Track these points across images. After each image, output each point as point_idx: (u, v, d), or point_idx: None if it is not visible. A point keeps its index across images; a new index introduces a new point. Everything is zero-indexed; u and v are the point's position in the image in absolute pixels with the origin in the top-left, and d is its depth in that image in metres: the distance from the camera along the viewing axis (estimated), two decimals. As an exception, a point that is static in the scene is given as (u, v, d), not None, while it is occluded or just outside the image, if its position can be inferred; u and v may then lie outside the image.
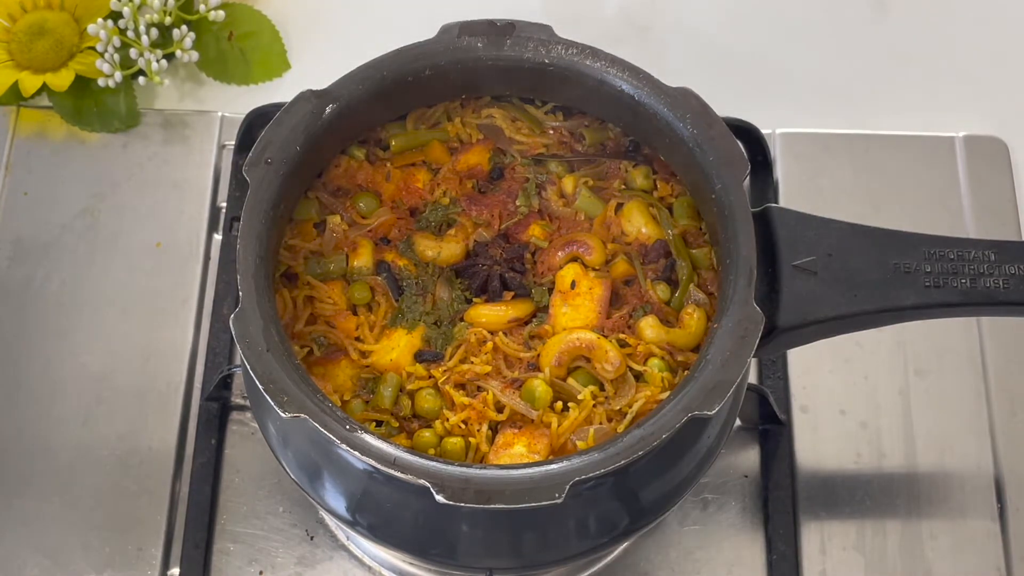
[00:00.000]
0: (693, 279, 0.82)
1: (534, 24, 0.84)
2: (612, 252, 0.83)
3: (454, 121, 0.87)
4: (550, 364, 0.79)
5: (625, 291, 0.82)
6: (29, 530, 0.92)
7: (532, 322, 0.82)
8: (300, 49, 1.12)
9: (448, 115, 0.88)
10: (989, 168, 1.06)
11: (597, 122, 0.87)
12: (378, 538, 0.78)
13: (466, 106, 0.88)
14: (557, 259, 0.83)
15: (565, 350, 0.79)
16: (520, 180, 0.86)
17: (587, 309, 0.81)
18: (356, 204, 0.85)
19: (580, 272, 0.82)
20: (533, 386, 0.79)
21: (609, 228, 0.85)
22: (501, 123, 0.87)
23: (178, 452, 0.95)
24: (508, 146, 0.87)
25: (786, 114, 1.09)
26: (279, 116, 0.81)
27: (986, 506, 0.94)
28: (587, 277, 0.82)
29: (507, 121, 0.87)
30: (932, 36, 1.14)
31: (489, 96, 0.87)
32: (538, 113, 0.88)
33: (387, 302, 0.83)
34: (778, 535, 0.92)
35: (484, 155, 0.87)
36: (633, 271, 0.83)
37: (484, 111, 0.88)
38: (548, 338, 0.81)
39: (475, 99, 0.87)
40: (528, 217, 0.85)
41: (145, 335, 0.99)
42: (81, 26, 1.07)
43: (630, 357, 0.80)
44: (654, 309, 0.81)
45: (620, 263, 0.83)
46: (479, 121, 0.87)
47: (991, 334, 1.00)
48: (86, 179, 1.05)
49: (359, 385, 0.81)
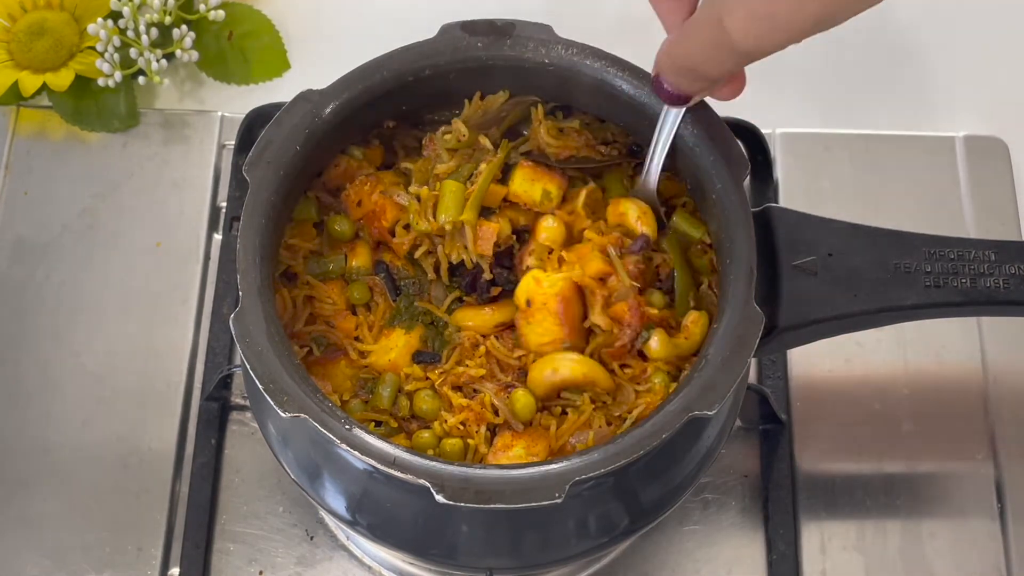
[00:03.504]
0: (692, 288, 0.81)
1: (534, 24, 0.84)
2: (597, 245, 0.81)
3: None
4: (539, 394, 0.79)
5: (622, 311, 0.80)
6: (29, 530, 0.92)
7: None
8: (300, 49, 1.12)
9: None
10: (989, 168, 1.06)
11: (597, 122, 0.87)
12: (378, 538, 0.78)
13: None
14: (523, 269, 0.82)
15: (552, 390, 0.79)
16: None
17: (549, 324, 0.79)
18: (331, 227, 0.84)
19: (534, 287, 0.80)
20: (516, 398, 0.79)
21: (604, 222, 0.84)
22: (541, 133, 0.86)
23: (178, 452, 0.95)
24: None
25: (786, 114, 1.09)
26: (279, 116, 0.81)
27: (986, 506, 0.94)
28: (541, 289, 0.80)
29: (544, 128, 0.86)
30: (932, 36, 1.14)
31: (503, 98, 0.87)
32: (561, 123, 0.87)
33: (385, 302, 0.83)
34: (778, 535, 0.92)
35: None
36: (609, 269, 0.80)
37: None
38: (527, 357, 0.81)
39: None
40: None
41: (145, 335, 0.99)
42: (81, 26, 1.07)
43: (633, 379, 0.79)
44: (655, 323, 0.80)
45: (594, 260, 0.80)
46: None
47: (991, 334, 1.00)
48: (86, 179, 1.05)
49: (358, 385, 0.81)
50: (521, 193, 0.83)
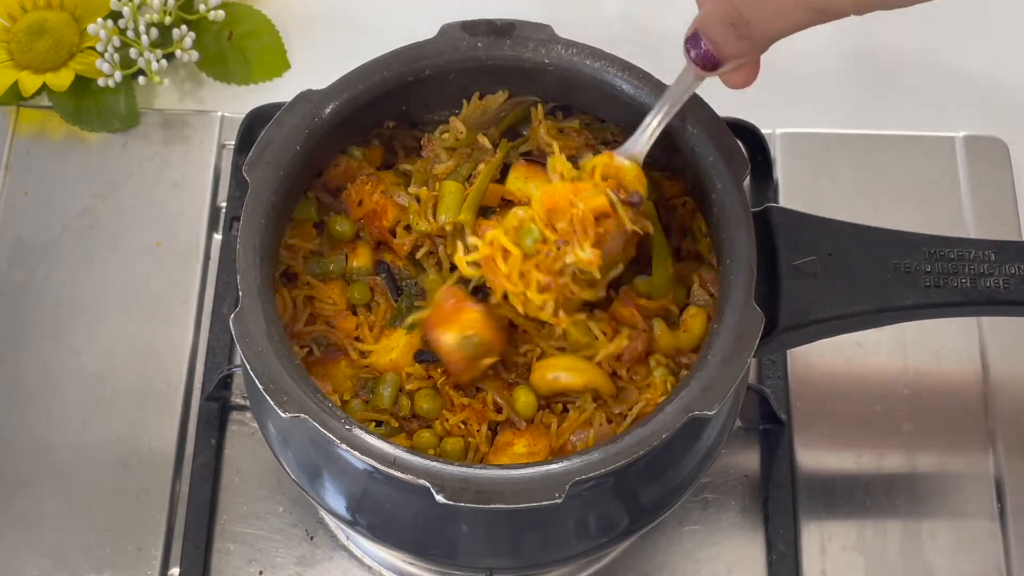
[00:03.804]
0: (670, 256, 0.80)
1: (534, 24, 0.84)
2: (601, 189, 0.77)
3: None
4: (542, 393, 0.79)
5: (626, 314, 0.80)
6: (29, 530, 0.92)
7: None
8: (300, 49, 1.12)
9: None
10: (989, 168, 1.06)
11: (597, 122, 0.87)
12: (378, 538, 0.78)
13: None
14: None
15: (552, 394, 0.79)
16: None
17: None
18: (332, 227, 0.84)
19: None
20: (517, 396, 0.79)
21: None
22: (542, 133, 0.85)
23: (178, 452, 0.95)
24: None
25: (786, 114, 1.08)
26: (279, 116, 0.81)
27: (986, 506, 0.94)
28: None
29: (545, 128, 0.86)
30: (932, 36, 1.14)
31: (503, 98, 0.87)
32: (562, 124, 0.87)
33: (386, 302, 0.83)
34: (778, 535, 0.92)
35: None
36: (608, 209, 0.76)
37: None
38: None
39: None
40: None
41: (145, 335, 0.99)
42: (81, 26, 1.07)
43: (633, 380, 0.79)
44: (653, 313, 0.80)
45: (599, 197, 0.76)
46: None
47: (991, 334, 1.00)
48: (86, 179, 1.05)
49: (359, 385, 0.81)
50: (516, 191, 0.83)
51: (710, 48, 0.71)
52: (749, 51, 0.71)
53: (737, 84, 0.74)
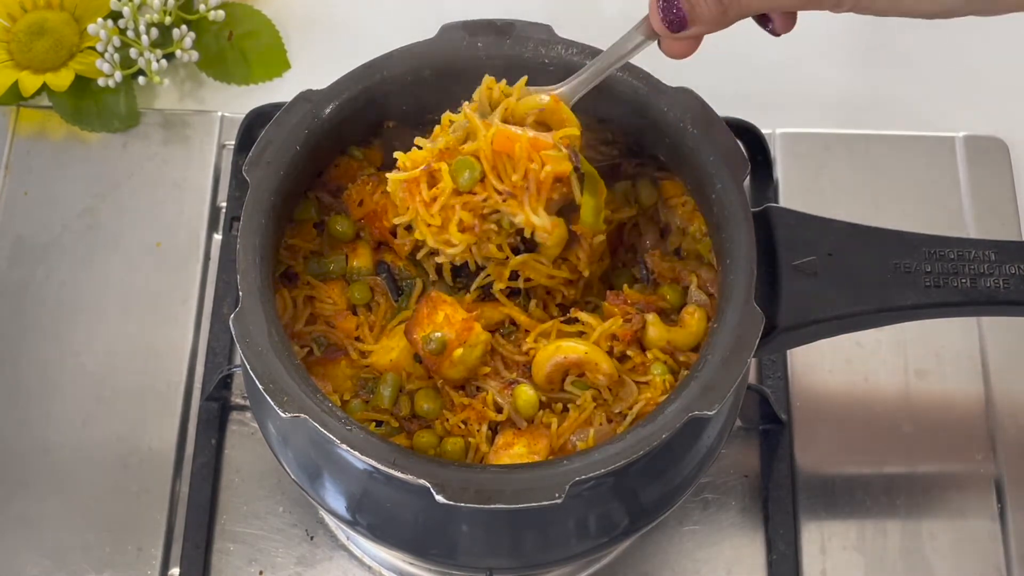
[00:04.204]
0: (599, 183, 0.78)
1: (534, 24, 0.84)
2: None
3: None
4: (541, 381, 0.79)
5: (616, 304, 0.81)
6: (29, 530, 0.92)
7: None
8: (300, 49, 1.12)
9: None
10: (989, 168, 1.06)
11: (597, 122, 0.87)
12: (378, 538, 0.78)
13: None
14: None
15: (554, 369, 0.79)
16: None
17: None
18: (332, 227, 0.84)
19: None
20: (518, 394, 0.79)
21: None
22: None
23: (178, 452, 0.95)
24: None
25: (786, 114, 1.08)
26: (279, 116, 0.81)
27: (986, 506, 0.94)
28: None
29: None
30: (932, 36, 1.14)
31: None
32: None
33: (387, 302, 0.83)
34: (778, 535, 0.92)
35: None
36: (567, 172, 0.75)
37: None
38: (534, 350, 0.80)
39: None
40: None
41: (145, 335, 0.99)
42: (81, 26, 1.07)
43: (632, 371, 0.79)
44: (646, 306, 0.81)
45: (563, 162, 0.75)
46: None
47: (991, 334, 1.00)
48: (86, 179, 1.05)
49: (359, 385, 0.81)
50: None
51: (684, 9, 0.72)
52: (719, 19, 0.71)
53: (680, 53, 0.74)
